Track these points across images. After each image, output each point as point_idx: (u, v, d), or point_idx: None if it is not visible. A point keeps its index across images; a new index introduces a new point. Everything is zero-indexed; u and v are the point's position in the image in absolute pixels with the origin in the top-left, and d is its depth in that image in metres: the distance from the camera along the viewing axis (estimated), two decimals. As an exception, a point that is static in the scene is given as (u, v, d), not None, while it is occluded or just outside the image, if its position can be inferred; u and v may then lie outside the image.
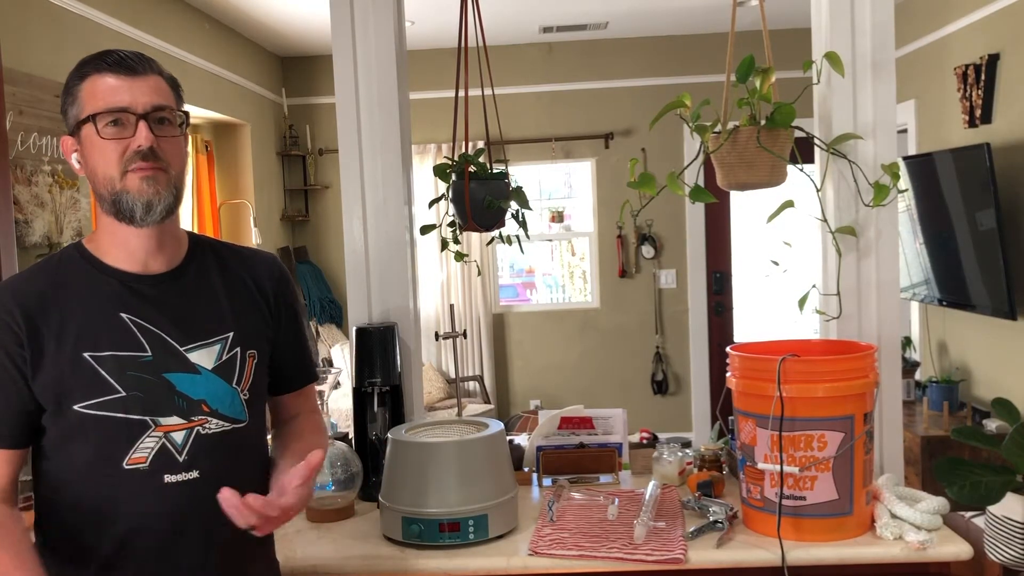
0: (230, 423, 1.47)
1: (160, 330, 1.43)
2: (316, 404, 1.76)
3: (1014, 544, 3.28)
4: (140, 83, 1.39)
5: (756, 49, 2.10)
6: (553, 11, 5.42)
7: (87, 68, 1.40)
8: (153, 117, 1.39)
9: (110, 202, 1.40)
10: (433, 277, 6.28)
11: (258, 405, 1.55)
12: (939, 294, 4.60)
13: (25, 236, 3.04)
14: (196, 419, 1.43)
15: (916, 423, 4.31)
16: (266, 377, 1.57)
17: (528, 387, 6.46)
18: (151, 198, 1.39)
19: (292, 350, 1.64)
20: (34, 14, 3.32)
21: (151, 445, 1.40)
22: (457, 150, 2.77)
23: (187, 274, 1.50)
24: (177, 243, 1.51)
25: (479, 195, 2.59)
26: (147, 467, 1.39)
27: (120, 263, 1.45)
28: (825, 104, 2.27)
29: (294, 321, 1.64)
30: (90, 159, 1.41)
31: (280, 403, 1.68)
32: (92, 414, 1.38)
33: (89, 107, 1.38)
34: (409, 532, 1.90)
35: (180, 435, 1.42)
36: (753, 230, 6.30)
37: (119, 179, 1.38)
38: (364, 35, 2.39)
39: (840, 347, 2.10)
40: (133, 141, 1.37)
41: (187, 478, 1.42)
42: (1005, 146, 4.08)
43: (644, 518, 1.91)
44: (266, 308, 1.58)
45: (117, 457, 1.39)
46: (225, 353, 1.48)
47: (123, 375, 1.39)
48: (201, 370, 1.45)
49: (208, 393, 1.45)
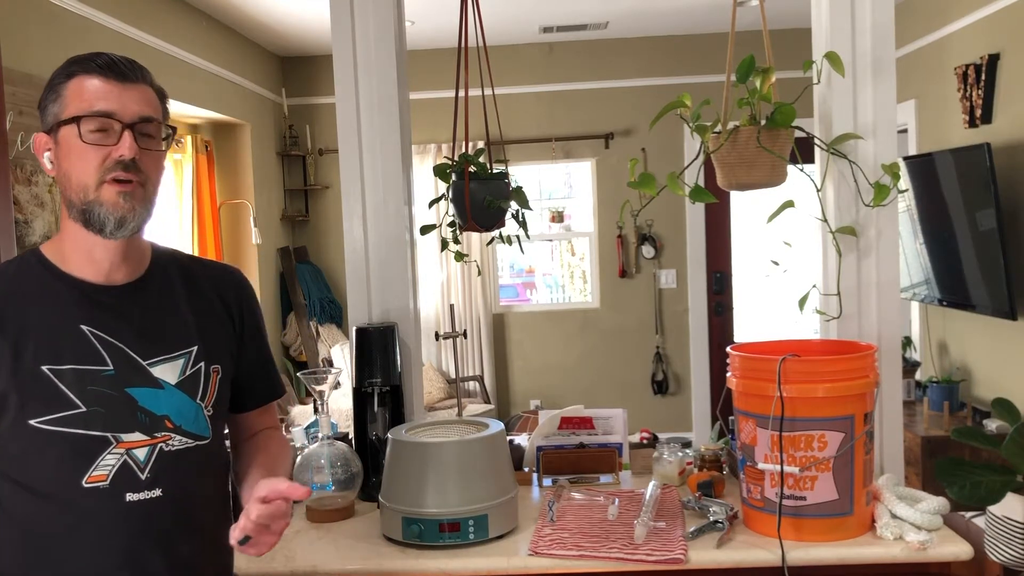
0: (194, 440, 1.42)
1: (123, 343, 1.38)
2: (278, 421, 1.71)
3: (1014, 544, 3.28)
4: (130, 91, 1.34)
5: (756, 49, 2.10)
6: (553, 11, 5.42)
7: (75, 67, 1.35)
8: (139, 128, 1.34)
9: (80, 210, 1.35)
10: (433, 277, 6.28)
11: (221, 421, 1.51)
12: (939, 294, 4.60)
13: (25, 236, 3.04)
14: (159, 435, 1.38)
15: (916, 423, 4.31)
16: (229, 393, 1.53)
17: (528, 387, 6.46)
18: (125, 214, 1.34)
19: (256, 365, 1.60)
20: (34, 14, 3.32)
21: (112, 462, 1.34)
22: (457, 150, 2.76)
23: (151, 286, 1.45)
24: (141, 255, 1.46)
25: (479, 195, 2.59)
26: (107, 485, 1.34)
27: (82, 272, 1.39)
28: (825, 104, 2.27)
29: (257, 336, 1.60)
30: (65, 162, 1.35)
31: (242, 420, 1.62)
32: (50, 429, 1.32)
33: (73, 108, 1.33)
34: (409, 532, 1.90)
35: (142, 452, 1.36)
36: (753, 230, 6.30)
37: (94, 188, 1.33)
38: (364, 35, 2.39)
39: (840, 347, 2.10)
40: (116, 150, 1.32)
41: (149, 496, 1.36)
42: (1005, 146, 4.07)
43: (644, 518, 1.91)
44: (230, 323, 1.53)
45: (76, 475, 1.33)
46: (189, 368, 1.43)
47: (84, 390, 1.34)
48: (164, 385, 1.40)
49: (171, 409, 1.40)
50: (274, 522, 1.32)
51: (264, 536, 1.32)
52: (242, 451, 1.61)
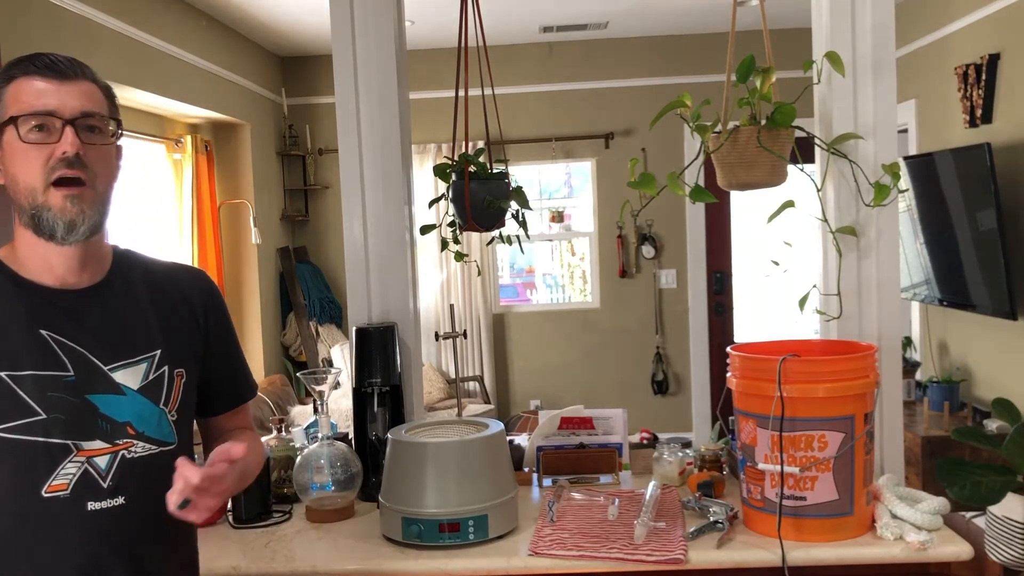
0: (157, 446, 1.39)
1: (83, 348, 1.34)
2: (251, 423, 1.66)
3: (1014, 544, 3.28)
4: (69, 87, 1.31)
5: (756, 49, 2.10)
6: (553, 11, 5.42)
7: (15, 70, 1.32)
8: (81, 123, 1.31)
9: (29, 215, 1.31)
10: (433, 277, 6.28)
11: (187, 426, 1.47)
12: (939, 294, 4.60)
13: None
14: (121, 442, 1.35)
15: (917, 423, 4.31)
16: (195, 396, 1.50)
17: (528, 387, 6.45)
18: (74, 218, 1.30)
19: (224, 368, 1.56)
20: (34, 14, 3.32)
21: (73, 471, 1.31)
22: (457, 150, 2.76)
23: (111, 288, 1.41)
24: (101, 257, 1.42)
25: (479, 195, 2.59)
26: (68, 494, 1.31)
27: (39, 277, 1.36)
28: (825, 104, 2.27)
29: (225, 338, 1.57)
30: (11, 166, 1.31)
31: (212, 424, 1.59)
32: (9, 438, 1.29)
33: (13, 109, 1.30)
34: (409, 532, 1.89)
35: (104, 460, 1.33)
36: (753, 230, 6.30)
37: (41, 192, 1.29)
38: (364, 35, 2.39)
39: (840, 347, 2.10)
40: (58, 147, 1.29)
41: (112, 504, 1.33)
42: (1005, 146, 4.07)
43: (644, 518, 1.91)
44: (195, 325, 1.50)
45: (36, 483, 1.30)
46: (152, 372, 1.40)
47: (44, 396, 1.30)
48: (126, 390, 1.37)
49: (133, 415, 1.37)
50: (213, 484, 1.28)
51: (203, 499, 1.28)
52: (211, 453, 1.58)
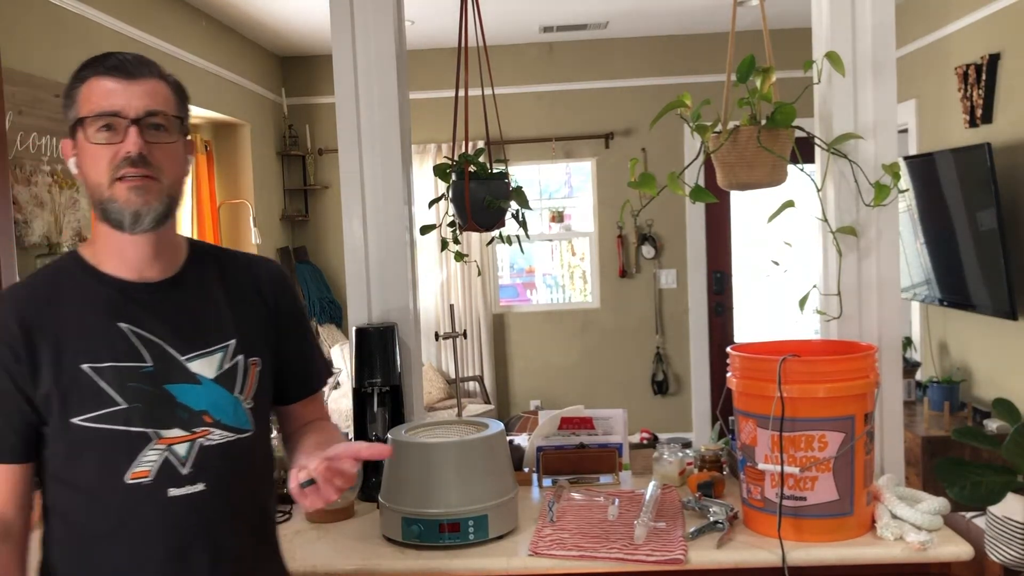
0: (234, 433, 1.43)
1: (160, 339, 1.40)
2: (327, 412, 1.71)
3: (1015, 544, 3.28)
4: (135, 87, 1.36)
5: (756, 49, 2.10)
6: (553, 11, 5.42)
7: (86, 71, 1.38)
8: (146, 122, 1.36)
9: (100, 209, 1.38)
10: (433, 277, 6.28)
11: (263, 414, 1.51)
12: (940, 294, 4.60)
13: (24, 236, 3.04)
14: (198, 430, 1.40)
15: (917, 423, 4.31)
16: (270, 385, 1.53)
17: (528, 387, 6.45)
18: (139, 208, 1.35)
19: (297, 356, 1.60)
20: (34, 14, 3.32)
21: (154, 458, 1.36)
22: (457, 150, 2.76)
23: (186, 281, 1.46)
24: (175, 250, 1.47)
25: (479, 195, 2.59)
26: (151, 481, 1.36)
27: (117, 271, 1.42)
28: (825, 104, 2.27)
29: (298, 326, 1.61)
30: (83, 164, 1.38)
31: (289, 413, 1.63)
32: (92, 427, 1.35)
33: (83, 110, 1.36)
34: (409, 532, 1.89)
35: (183, 447, 1.38)
36: (753, 230, 6.30)
37: (107, 186, 1.35)
38: (364, 35, 2.39)
39: (841, 347, 2.10)
40: (122, 147, 1.34)
41: (192, 491, 1.38)
42: (1006, 146, 4.07)
43: (644, 518, 1.91)
44: (268, 314, 1.54)
45: (119, 472, 1.35)
46: (227, 362, 1.45)
47: (124, 387, 1.36)
48: (202, 380, 1.42)
49: (210, 403, 1.41)
50: (338, 478, 1.32)
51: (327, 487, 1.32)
52: (293, 441, 1.60)
